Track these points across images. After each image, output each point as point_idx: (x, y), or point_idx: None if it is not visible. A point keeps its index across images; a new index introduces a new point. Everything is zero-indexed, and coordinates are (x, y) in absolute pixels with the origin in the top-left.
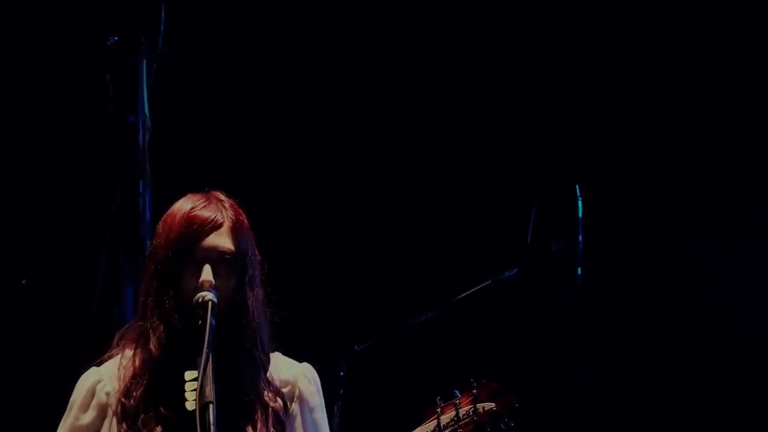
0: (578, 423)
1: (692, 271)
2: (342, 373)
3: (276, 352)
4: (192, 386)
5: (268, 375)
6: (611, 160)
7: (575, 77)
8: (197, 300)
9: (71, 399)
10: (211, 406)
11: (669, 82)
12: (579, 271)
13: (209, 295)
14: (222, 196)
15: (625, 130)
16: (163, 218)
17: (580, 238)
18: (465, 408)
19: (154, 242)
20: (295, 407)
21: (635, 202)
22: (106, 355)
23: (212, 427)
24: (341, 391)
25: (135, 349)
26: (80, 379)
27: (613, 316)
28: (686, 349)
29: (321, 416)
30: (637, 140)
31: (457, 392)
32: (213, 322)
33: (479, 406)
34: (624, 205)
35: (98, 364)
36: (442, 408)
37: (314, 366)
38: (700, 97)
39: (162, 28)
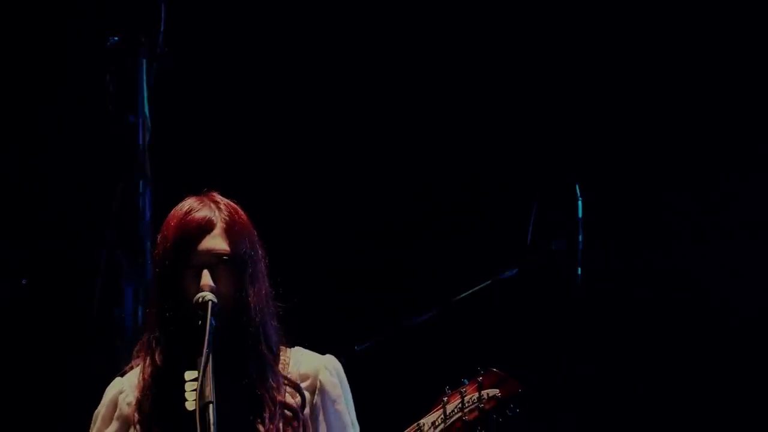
0: (578, 423)
1: (692, 270)
2: None
3: (297, 347)
4: (192, 386)
5: (282, 370)
6: (611, 160)
7: (575, 77)
8: (197, 300)
9: (96, 410)
10: (211, 406)
11: (669, 82)
12: (579, 271)
13: (209, 295)
14: (217, 197)
15: (625, 130)
16: (161, 226)
17: (580, 238)
18: (470, 395)
19: (155, 252)
20: (317, 399)
21: (635, 202)
22: (128, 366)
23: (212, 427)
24: None
25: (145, 361)
26: (106, 390)
27: (613, 316)
28: (686, 347)
29: (343, 407)
30: (638, 140)
31: (464, 380)
32: (213, 321)
33: (484, 393)
34: (624, 205)
35: (122, 375)
36: (448, 397)
37: None
38: (700, 96)
39: (162, 28)
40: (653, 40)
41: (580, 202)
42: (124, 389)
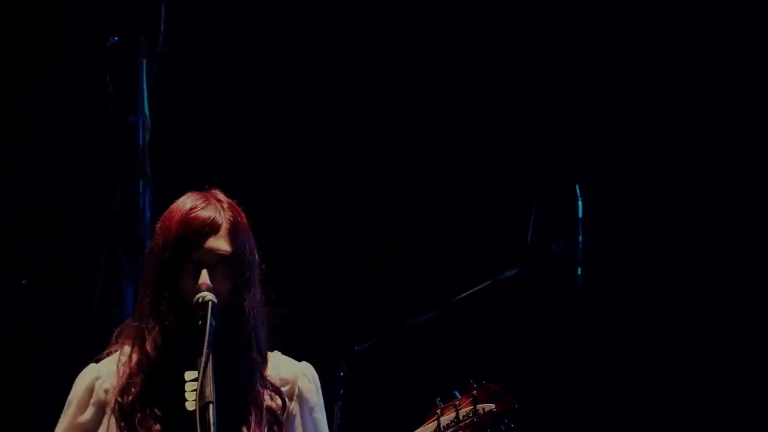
0: (577, 422)
1: (692, 271)
2: (342, 373)
3: (275, 352)
4: (192, 386)
5: (267, 374)
6: (611, 160)
7: (575, 77)
8: (197, 300)
9: (69, 396)
10: (211, 406)
11: (669, 81)
12: (579, 271)
13: (209, 296)
14: (221, 196)
15: (625, 130)
16: (161, 218)
17: (580, 238)
18: (465, 409)
19: (153, 242)
20: (294, 406)
21: (635, 202)
22: (104, 353)
23: (212, 427)
24: (341, 391)
25: (132, 349)
26: (79, 375)
27: (613, 316)
28: (686, 348)
29: (320, 415)
30: (637, 140)
31: (456, 393)
32: (213, 322)
33: (479, 407)
34: (624, 205)
35: (97, 361)
36: (442, 409)
37: (314, 366)
38: (700, 96)
39: (162, 28)
40: (653, 41)
41: (580, 202)
42: (101, 375)
